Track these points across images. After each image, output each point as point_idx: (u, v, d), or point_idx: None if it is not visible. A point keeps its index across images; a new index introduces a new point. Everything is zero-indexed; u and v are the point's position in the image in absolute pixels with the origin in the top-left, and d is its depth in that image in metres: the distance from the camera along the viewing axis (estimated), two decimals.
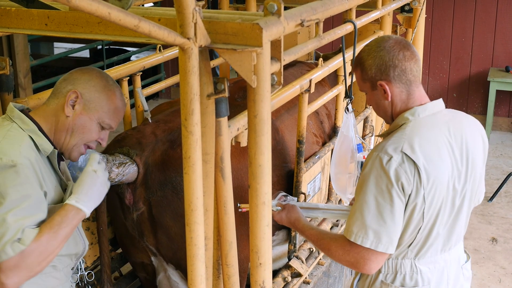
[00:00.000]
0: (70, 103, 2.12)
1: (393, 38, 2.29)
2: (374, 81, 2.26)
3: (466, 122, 2.34)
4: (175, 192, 2.59)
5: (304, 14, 1.97)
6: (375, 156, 2.17)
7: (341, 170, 3.15)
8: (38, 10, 1.88)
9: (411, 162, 2.13)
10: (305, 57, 4.01)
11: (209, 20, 1.71)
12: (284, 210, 2.59)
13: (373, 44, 2.29)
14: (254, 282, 2.00)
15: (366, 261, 2.18)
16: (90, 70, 2.19)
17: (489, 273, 4.60)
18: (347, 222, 2.21)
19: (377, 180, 2.14)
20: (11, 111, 2.13)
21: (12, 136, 2.05)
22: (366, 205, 2.15)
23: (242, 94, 2.98)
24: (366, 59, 2.26)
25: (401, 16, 4.20)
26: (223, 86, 1.82)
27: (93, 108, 2.15)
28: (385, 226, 2.14)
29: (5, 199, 1.93)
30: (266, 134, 1.83)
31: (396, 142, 2.18)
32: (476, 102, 7.53)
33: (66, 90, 2.13)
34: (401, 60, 2.22)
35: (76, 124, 2.14)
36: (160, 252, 2.75)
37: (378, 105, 2.33)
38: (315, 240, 2.39)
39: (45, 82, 6.81)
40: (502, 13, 7.15)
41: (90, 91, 2.14)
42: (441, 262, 2.34)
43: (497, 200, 5.72)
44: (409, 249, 2.29)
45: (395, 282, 2.33)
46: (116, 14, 1.38)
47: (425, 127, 2.23)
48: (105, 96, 2.17)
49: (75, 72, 2.18)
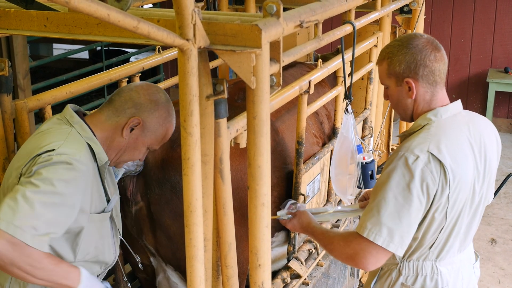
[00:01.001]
0: (129, 127, 2.17)
1: (425, 37, 2.28)
2: (401, 77, 2.25)
3: (483, 124, 2.36)
4: (173, 191, 2.60)
5: (303, 15, 1.97)
6: (400, 156, 2.16)
7: (341, 171, 3.15)
8: (37, 11, 1.88)
9: (438, 162, 2.13)
10: (304, 58, 4.01)
11: (208, 22, 1.71)
12: (295, 217, 2.59)
13: (404, 40, 2.27)
14: (253, 283, 2.00)
15: (366, 253, 2.15)
16: (157, 98, 2.21)
17: (488, 274, 4.60)
18: (361, 218, 2.20)
19: (399, 179, 2.13)
20: (70, 115, 2.17)
21: (73, 141, 2.10)
22: (384, 203, 2.14)
23: (241, 95, 2.98)
24: (396, 54, 2.25)
25: (400, 17, 4.21)
26: (222, 87, 1.82)
27: (149, 136, 2.22)
28: (400, 226, 2.13)
29: (44, 185, 1.94)
30: (265, 135, 1.83)
31: (421, 142, 2.17)
32: (475, 103, 7.53)
33: (129, 112, 2.17)
34: (432, 60, 2.23)
35: (129, 146, 2.21)
36: (159, 252, 2.75)
37: (399, 102, 2.31)
38: (322, 239, 2.39)
39: (44, 83, 6.80)
40: (501, 14, 7.15)
41: (152, 122, 2.19)
42: (458, 262, 2.35)
43: (496, 201, 5.72)
44: (430, 251, 2.29)
45: (415, 284, 2.32)
46: (115, 15, 1.38)
47: (448, 127, 2.23)
48: (164, 129, 2.24)
49: (142, 94, 2.19)
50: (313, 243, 3.25)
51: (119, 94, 2.21)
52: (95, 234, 2.21)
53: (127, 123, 2.16)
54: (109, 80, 2.92)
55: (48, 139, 2.07)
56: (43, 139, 2.08)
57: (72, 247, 2.15)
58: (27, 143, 2.16)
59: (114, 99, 2.20)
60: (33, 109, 2.52)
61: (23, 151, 2.12)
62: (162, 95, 2.24)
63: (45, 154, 2.01)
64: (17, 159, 2.12)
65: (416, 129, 2.28)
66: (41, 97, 2.56)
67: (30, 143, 2.13)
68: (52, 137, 2.08)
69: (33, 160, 2.02)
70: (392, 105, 2.38)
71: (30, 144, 2.12)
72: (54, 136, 2.09)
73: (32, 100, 2.52)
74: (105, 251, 2.28)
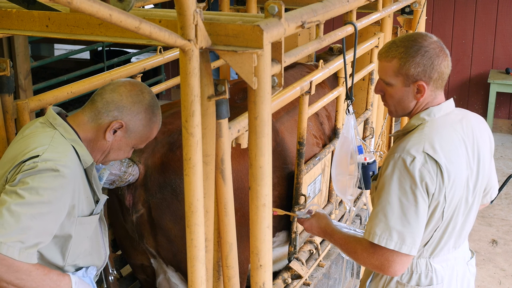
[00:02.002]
0: (112, 129, 2.13)
1: (435, 39, 2.26)
2: (413, 79, 2.22)
3: (475, 121, 2.36)
4: (174, 194, 2.59)
5: (305, 16, 1.97)
6: (397, 158, 2.16)
7: (342, 172, 3.15)
8: (39, 11, 1.88)
9: (434, 162, 2.14)
10: (305, 58, 4.01)
11: (210, 22, 1.71)
12: (314, 217, 2.59)
13: (417, 39, 2.22)
14: (254, 283, 2.00)
15: (391, 263, 2.17)
16: (140, 99, 2.15)
17: (489, 275, 4.59)
18: (368, 225, 2.20)
19: (400, 181, 2.14)
20: (53, 117, 2.12)
21: (58, 144, 2.05)
22: (389, 207, 2.14)
23: (242, 96, 2.98)
24: (413, 55, 2.20)
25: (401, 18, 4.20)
26: (223, 88, 1.82)
27: (133, 137, 2.18)
28: (409, 227, 2.14)
29: (30, 195, 1.90)
30: (267, 136, 1.83)
31: (416, 143, 2.18)
32: (476, 104, 7.53)
33: (112, 115, 2.11)
34: (445, 67, 2.23)
35: (113, 148, 2.18)
36: (160, 255, 2.75)
37: (402, 101, 2.28)
38: (342, 244, 2.37)
39: (45, 83, 6.80)
40: (503, 15, 7.15)
41: (136, 124, 2.15)
42: (452, 259, 2.36)
43: (497, 202, 5.72)
44: (424, 248, 2.30)
45: (411, 282, 2.33)
46: (117, 16, 1.38)
47: (442, 127, 2.24)
48: (148, 129, 2.20)
49: (125, 96, 2.13)
50: (314, 244, 3.25)
51: (101, 94, 2.14)
52: (84, 237, 2.18)
53: (110, 126, 2.11)
54: (110, 81, 2.91)
55: (32, 144, 2.02)
56: (27, 144, 2.03)
57: (62, 252, 2.12)
58: (11, 148, 2.10)
59: (96, 99, 2.14)
60: (34, 109, 2.52)
61: (6, 157, 2.07)
62: (146, 95, 2.17)
63: (30, 161, 1.96)
64: (1, 166, 2.07)
65: (410, 129, 2.28)
66: (42, 97, 2.57)
67: (14, 148, 2.08)
68: (36, 142, 2.03)
69: (18, 167, 1.98)
70: (389, 100, 2.32)
71: (14, 149, 2.07)
72: (38, 140, 2.04)
73: (34, 100, 2.52)
74: (93, 253, 2.26)
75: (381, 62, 2.30)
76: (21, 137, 2.10)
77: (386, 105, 2.36)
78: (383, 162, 2.27)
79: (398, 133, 2.35)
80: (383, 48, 2.31)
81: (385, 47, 2.30)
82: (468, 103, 7.53)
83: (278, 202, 2.99)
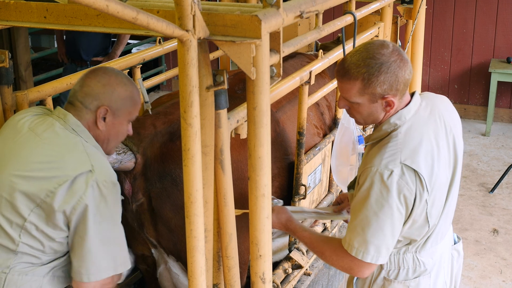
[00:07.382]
0: (101, 118, 2.19)
1: (392, 47, 2.17)
2: (380, 96, 2.15)
3: (442, 106, 2.34)
4: (174, 184, 2.59)
5: (304, 6, 1.97)
6: (375, 172, 2.14)
7: (343, 162, 3.15)
8: (36, 2, 1.88)
9: (412, 171, 2.13)
10: (305, 48, 4.00)
11: (208, 12, 1.71)
12: (273, 212, 2.51)
13: (379, 57, 2.13)
14: (254, 273, 2.00)
15: (360, 268, 2.21)
16: (107, 79, 2.20)
17: (490, 264, 4.60)
18: (347, 235, 2.21)
19: (377, 196, 2.13)
20: (76, 125, 2.17)
21: (95, 153, 2.15)
22: (367, 221, 2.15)
23: (241, 86, 2.98)
24: (376, 75, 2.12)
25: (401, 7, 4.19)
26: (222, 78, 1.82)
27: (122, 114, 2.22)
28: (385, 240, 2.16)
29: (107, 223, 2.12)
30: (266, 126, 1.83)
31: (393, 154, 2.15)
32: (477, 93, 7.51)
33: (93, 106, 2.17)
34: (408, 74, 2.17)
35: (111, 134, 2.23)
36: (160, 244, 2.75)
37: (371, 115, 2.23)
38: (308, 243, 2.39)
39: (46, 75, 6.80)
40: (504, 4, 7.12)
41: (116, 101, 2.20)
42: (439, 250, 2.37)
43: (498, 191, 5.72)
44: (411, 245, 2.31)
45: (398, 277, 2.34)
46: (114, 6, 1.38)
47: (415, 130, 2.21)
48: (128, 98, 2.23)
49: (93, 84, 2.19)
50: None
51: (75, 95, 2.20)
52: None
53: (97, 116, 2.18)
54: None
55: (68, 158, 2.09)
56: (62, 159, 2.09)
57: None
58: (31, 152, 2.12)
59: (73, 100, 2.20)
60: (34, 100, 2.52)
61: (25, 159, 2.11)
62: (110, 73, 2.22)
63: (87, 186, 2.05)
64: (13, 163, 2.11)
65: (383, 136, 2.24)
66: (41, 88, 2.57)
67: (35, 154, 2.11)
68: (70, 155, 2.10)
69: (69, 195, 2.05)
70: (356, 115, 2.26)
71: (36, 157, 2.11)
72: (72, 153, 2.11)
73: (33, 91, 2.53)
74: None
75: (341, 83, 2.20)
76: (42, 141, 2.13)
77: (353, 117, 2.31)
78: (359, 172, 2.24)
79: (372, 140, 2.29)
80: (339, 67, 2.20)
81: (342, 67, 2.18)
82: (469, 93, 7.52)
83: (279, 192, 3.00)
